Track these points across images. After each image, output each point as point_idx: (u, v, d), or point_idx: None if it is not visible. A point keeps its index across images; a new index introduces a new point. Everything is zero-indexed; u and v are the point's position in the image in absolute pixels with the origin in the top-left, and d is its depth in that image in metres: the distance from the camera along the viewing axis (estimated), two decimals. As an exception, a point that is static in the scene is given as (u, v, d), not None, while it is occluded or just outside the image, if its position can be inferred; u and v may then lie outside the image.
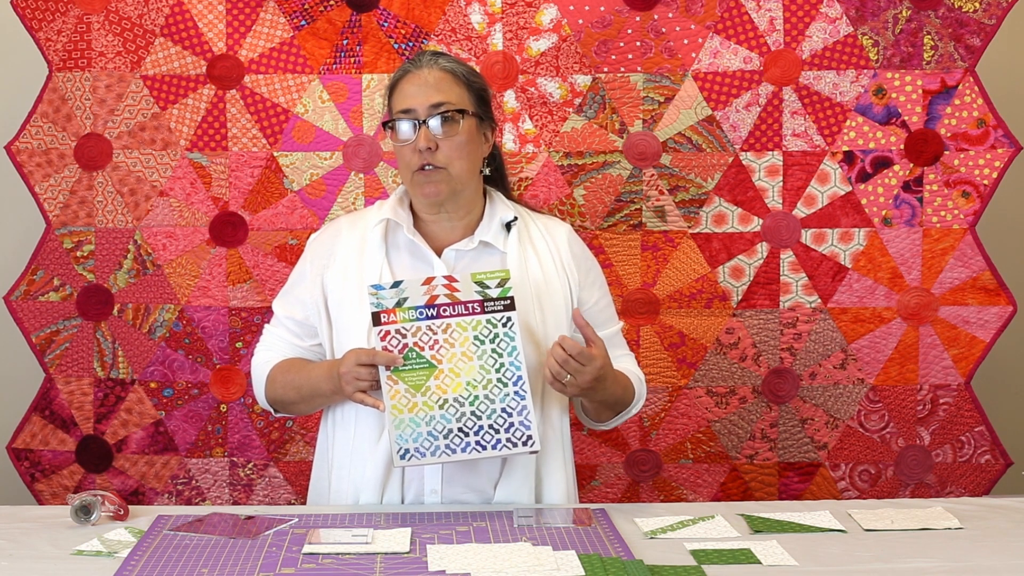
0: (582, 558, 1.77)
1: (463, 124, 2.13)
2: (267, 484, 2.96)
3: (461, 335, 2.02)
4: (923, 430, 2.92)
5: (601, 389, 2.09)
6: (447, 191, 2.14)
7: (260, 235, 2.93)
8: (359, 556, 1.80)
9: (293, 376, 2.20)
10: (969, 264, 2.88)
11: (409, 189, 2.19)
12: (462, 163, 2.14)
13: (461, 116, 2.13)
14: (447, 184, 2.14)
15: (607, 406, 2.18)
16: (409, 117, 2.13)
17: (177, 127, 2.92)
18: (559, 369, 2.02)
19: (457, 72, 2.17)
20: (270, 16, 2.90)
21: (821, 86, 2.87)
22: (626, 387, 2.19)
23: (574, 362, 2.01)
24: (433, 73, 2.15)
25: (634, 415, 2.29)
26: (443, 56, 2.20)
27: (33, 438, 2.99)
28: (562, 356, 2.01)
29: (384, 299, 2.02)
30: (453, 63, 2.19)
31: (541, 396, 2.14)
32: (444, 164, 2.12)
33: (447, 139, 2.12)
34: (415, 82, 2.15)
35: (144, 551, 1.84)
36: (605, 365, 2.06)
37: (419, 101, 2.12)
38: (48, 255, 2.95)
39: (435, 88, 2.13)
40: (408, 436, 1.98)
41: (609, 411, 2.21)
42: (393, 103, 2.18)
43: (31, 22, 2.89)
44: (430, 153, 2.11)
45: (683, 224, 2.91)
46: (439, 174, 2.13)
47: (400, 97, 2.16)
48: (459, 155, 2.13)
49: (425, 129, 2.11)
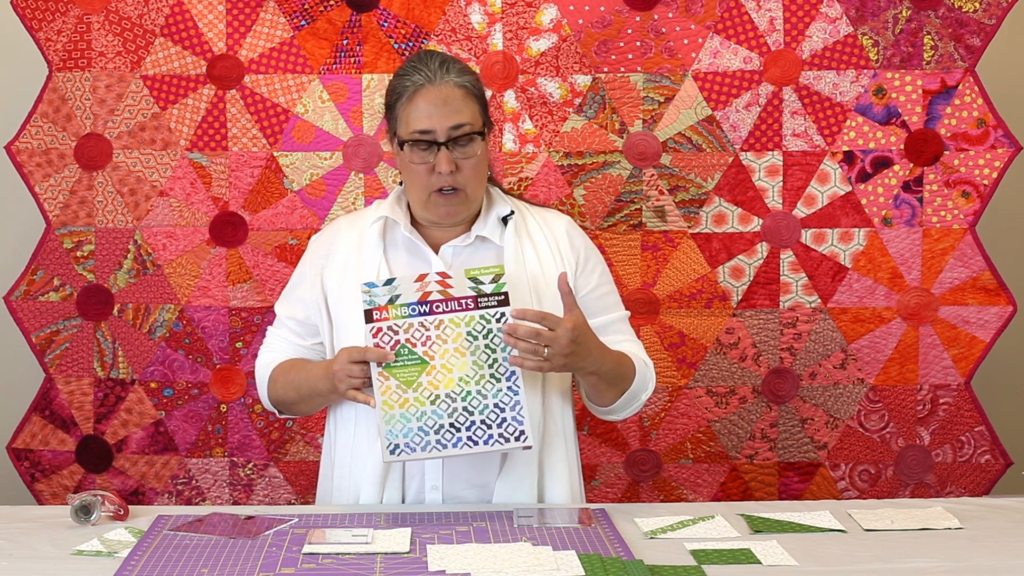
0: (582, 558, 1.77)
1: (479, 144, 2.11)
2: (267, 484, 2.96)
3: (454, 331, 2.01)
4: (923, 430, 2.92)
5: (587, 359, 2.03)
6: (464, 212, 2.14)
7: (260, 235, 2.93)
8: (359, 556, 1.80)
9: (293, 376, 2.21)
10: (969, 264, 2.88)
11: (422, 207, 2.15)
12: (478, 182, 2.14)
13: (479, 137, 2.11)
14: (465, 205, 2.13)
15: (606, 382, 2.11)
16: (428, 138, 2.09)
17: (177, 127, 2.92)
18: (532, 345, 1.97)
19: (468, 85, 2.12)
20: (270, 16, 2.90)
21: (821, 86, 2.88)
22: (620, 362, 2.12)
23: (546, 331, 1.97)
24: (447, 90, 2.09)
25: (639, 411, 2.23)
26: (450, 64, 2.13)
27: (33, 438, 2.99)
28: (528, 331, 1.97)
29: (377, 296, 2.02)
30: (461, 74, 2.12)
31: (542, 391, 2.13)
32: (463, 185, 2.11)
33: (465, 160, 2.10)
34: (431, 100, 2.08)
35: (144, 551, 1.84)
36: (580, 330, 2.00)
37: (437, 122, 2.08)
38: (48, 255, 2.95)
39: (453, 108, 2.08)
40: (398, 431, 1.98)
41: (611, 389, 2.13)
42: (406, 118, 2.11)
43: (31, 22, 2.89)
44: (451, 176, 2.09)
45: (683, 224, 2.91)
46: (457, 196, 2.11)
47: (416, 115, 2.09)
48: (476, 175, 2.12)
49: (446, 152, 2.07)
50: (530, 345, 1.97)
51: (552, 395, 2.17)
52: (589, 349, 2.04)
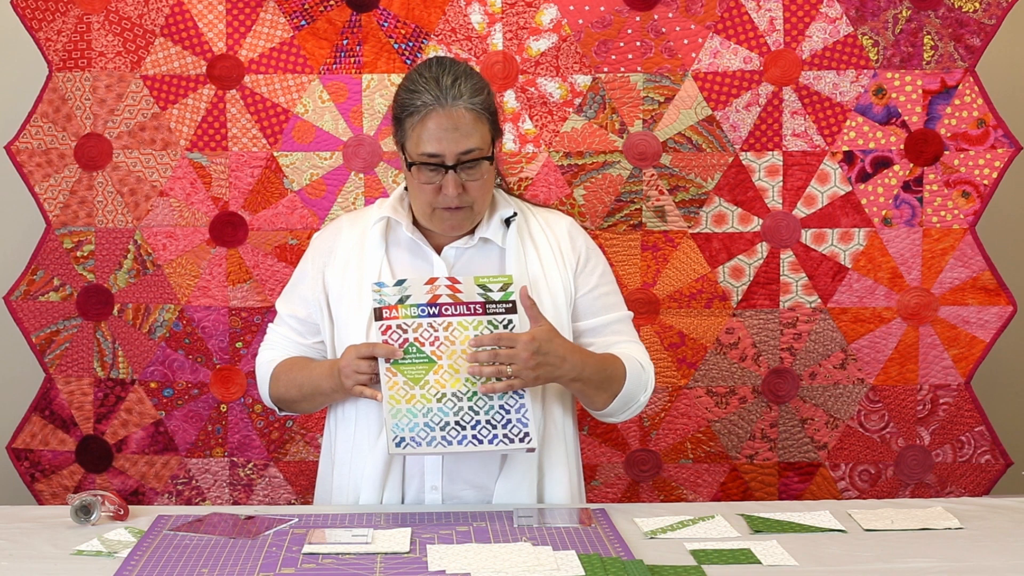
0: (582, 558, 1.77)
1: (487, 166, 2.11)
2: (267, 484, 2.96)
3: (462, 334, 2.03)
4: (923, 430, 2.92)
5: (562, 367, 2.02)
6: (468, 225, 2.15)
7: (260, 235, 2.93)
8: (359, 556, 1.80)
9: (295, 374, 2.21)
10: (969, 264, 2.88)
11: (427, 221, 2.15)
12: (483, 199, 2.13)
13: (487, 160, 2.11)
14: (469, 220, 2.14)
15: (592, 387, 2.10)
16: (436, 162, 2.07)
17: (177, 127, 2.92)
18: (495, 368, 1.97)
19: (479, 109, 2.08)
20: (270, 16, 2.90)
21: (821, 86, 2.88)
22: (605, 365, 2.10)
23: (502, 350, 1.98)
24: (458, 114, 2.06)
25: (640, 411, 2.21)
26: (462, 83, 2.08)
27: (33, 438, 2.99)
28: (487, 355, 1.98)
29: (387, 296, 2.04)
30: (474, 94, 2.08)
31: (542, 393, 2.13)
32: (470, 203, 2.11)
33: (473, 181, 2.09)
34: (442, 125, 2.06)
35: (144, 551, 1.84)
36: (542, 340, 1.99)
37: (447, 147, 2.06)
38: (48, 255, 2.95)
39: (463, 133, 2.06)
40: (404, 425, 1.99)
41: (600, 393, 2.12)
42: (416, 138, 2.08)
43: (31, 22, 2.89)
44: (456, 197, 2.09)
45: (683, 224, 2.91)
46: (462, 212, 2.11)
47: (426, 138, 2.07)
48: (482, 194, 2.12)
49: (454, 175, 2.07)
50: (493, 368, 1.98)
51: (552, 396, 2.17)
52: (562, 356, 2.03)
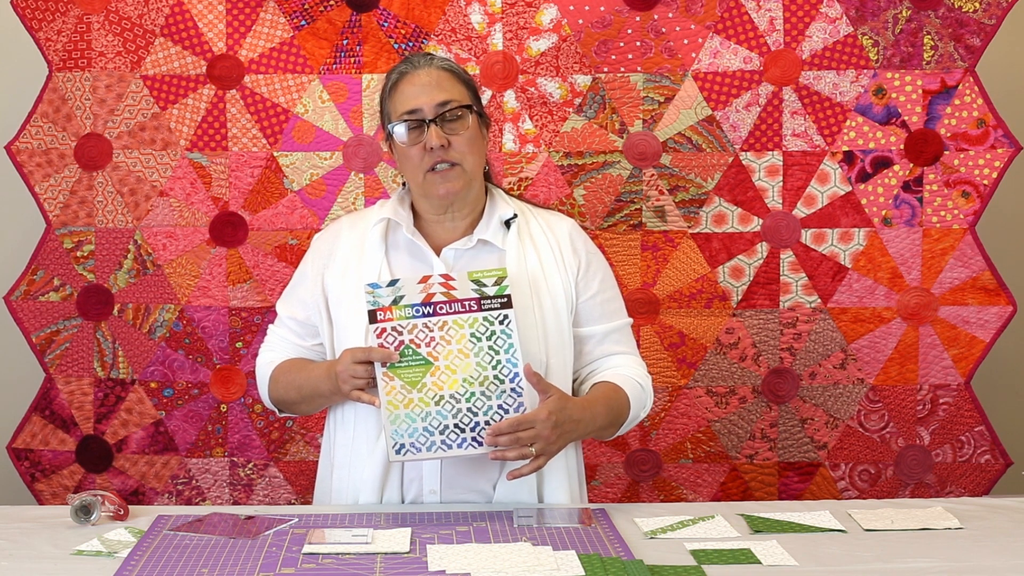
0: (582, 558, 1.77)
1: (470, 119, 2.12)
2: (267, 484, 2.96)
3: (458, 332, 2.02)
4: (923, 430, 2.92)
5: (578, 430, 2.04)
6: (462, 187, 2.13)
7: (260, 235, 2.93)
8: (359, 556, 1.80)
9: (294, 376, 2.21)
10: (969, 264, 2.88)
11: (421, 191, 2.16)
12: (474, 157, 2.14)
13: (468, 112, 2.12)
14: (462, 180, 2.12)
15: (604, 428, 2.13)
16: (415, 118, 2.10)
17: (177, 127, 2.92)
18: (519, 451, 1.96)
19: (455, 70, 2.17)
20: (270, 16, 2.90)
21: (821, 86, 2.88)
22: (611, 406, 2.12)
23: (523, 433, 1.97)
24: (432, 72, 2.13)
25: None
26: (435, 56, 2.19)
27: (33, 438, 2.99)
28: (509, 440, 1.96)
29: (380, 297, 2.03)
30: (447, 61, 2.18)
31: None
32: (458, 159, 2.11)
33: (457, 135, 2.10)
34: (416, 82, 2.13)
35: (144, 551, 1.84)
36: (557, 412, 1.99)
37: (424, 100, 2.10)
38: (48, 255, 2.95)
39: (438, 87, 2.12)
40: (404, 431, 1.99)
41: (608, 430, 2.15)
42: (393, 106, 2.15)
43: (31, 22, 2.89)
44: (443, 150, 2.09)
45: (683, 224, 2.91)
46: (454, 171, 2.11)
47: (401, 99, 2.13)
48: (471, 149, 2.12)
49: (435, 127, 2.09)
50: (517, 451, 1.97)
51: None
52: (577, 420, 2.04)
